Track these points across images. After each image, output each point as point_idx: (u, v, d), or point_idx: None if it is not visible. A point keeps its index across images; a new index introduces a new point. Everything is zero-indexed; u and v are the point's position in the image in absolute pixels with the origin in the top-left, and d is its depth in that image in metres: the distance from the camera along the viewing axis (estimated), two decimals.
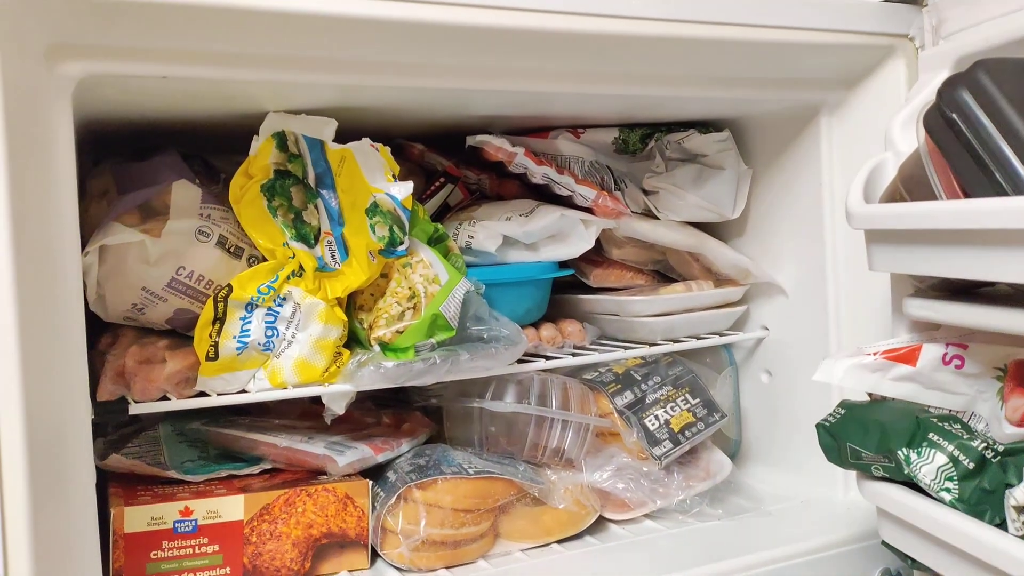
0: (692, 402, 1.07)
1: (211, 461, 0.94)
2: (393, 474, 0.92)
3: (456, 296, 0.90)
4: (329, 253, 0.90)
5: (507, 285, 1.00)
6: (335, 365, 0.88)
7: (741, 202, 1.12)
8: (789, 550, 0.90)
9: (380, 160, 0.89)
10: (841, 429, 0.75)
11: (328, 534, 0.88)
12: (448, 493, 0.89)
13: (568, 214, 1.02)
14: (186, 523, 0.83)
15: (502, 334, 0.92)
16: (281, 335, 0.87)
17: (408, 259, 0.91)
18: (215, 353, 0.84)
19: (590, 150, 1.13)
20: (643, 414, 1.03)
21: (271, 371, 0.87)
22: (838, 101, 1.00)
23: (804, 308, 1.07)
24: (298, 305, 0.86)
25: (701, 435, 1.05)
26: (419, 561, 0.87)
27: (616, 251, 1.13)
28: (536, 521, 0.94)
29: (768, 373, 1.14)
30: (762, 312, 1.15)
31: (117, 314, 0.87)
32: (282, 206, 0.89)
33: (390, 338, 0.88)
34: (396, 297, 0.90)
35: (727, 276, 1.13)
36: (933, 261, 0.69)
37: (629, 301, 1.06)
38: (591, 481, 0.98)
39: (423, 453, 0.96)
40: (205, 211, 0.88)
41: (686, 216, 1.11)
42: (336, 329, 0.87)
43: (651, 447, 1.01)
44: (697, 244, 1.09)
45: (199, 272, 0.86)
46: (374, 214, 0.88)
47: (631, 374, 1.07)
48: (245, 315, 0.86)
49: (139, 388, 0.83)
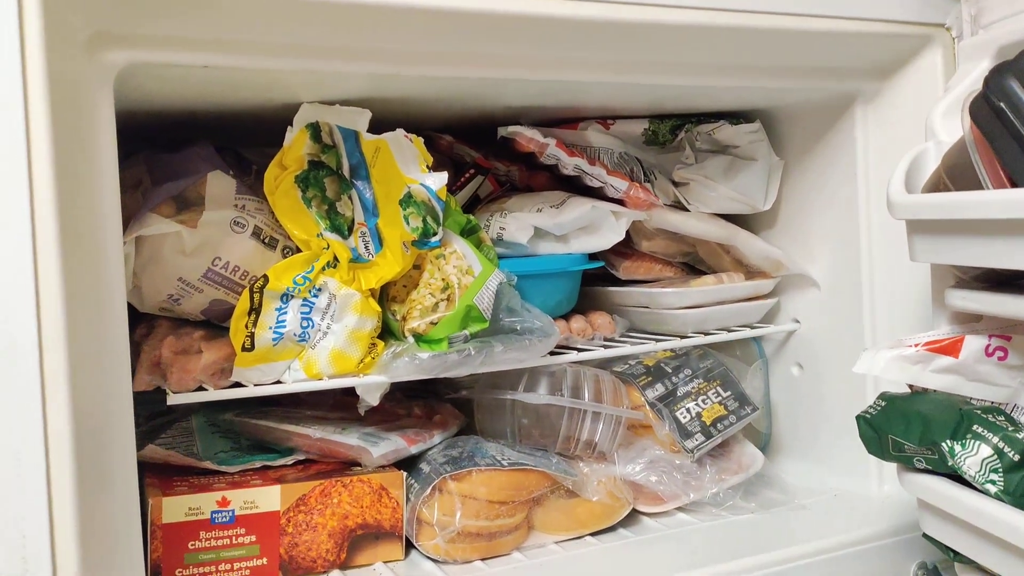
0: (723, 395, 1.06)
1: (244, 452, 0.94)
2: (427, 465, 0.92)
3: (490, 287, 0.90)
4: (363, 244, 0.90)
5: (538, 277, 1.00)
6: (370, 356, 0.87)
7: (772, 193, 1.11)
8: (825, 544, 0.89)
9: (414, 151, 0.88)
10: (883, 421, 0.75)
11: (363, 525, 0.88)
12: (483, 485, 0.89)
13: (599, 205, 1.01)
14: (223, 513, 0.83)
15: (535, 326, 0.92)
16: (316, 326, 0.87)
17: (442, 250, 0.91)
18: (251, 344, 0.84)
19: (619, 141, 1.13)
20: (674, 407, 1.03)
21: (306, 362, 0.87)
22: (874, 91, 0.99)
23: (837, 301, 1.07)
24: (333, 296, 0.86)
25: (733, 428, 1.04)
26: (455, 552, 0.87)
27: (646, 243, 1.12)
28: (570, 513, 0.93)
29: (799, 366, 1.13)
30: (793, 305, 1.14)
31: (153, 305, 0.87)
32: (316, 197, 0.89)
33: (424, 329, 0.88)
34: (430, 288, 0.90)
35: (758, 268, 1.12)
36: (978, 251, 0.68)
37: (661, 293, 1.06)
38: (624, 474, 0.97)
39: (456, 445, 0.96)
40: (240, 202, 0.88)
41: (716, 208, 1.10)
42: (371, 320, 0.87)
43: (683, 440, 1.00)
44: (728, 236, 1.09)
45: (235, 263, 0.86)
46: (408, 205, 0.88)
47: (662, 367, 1.07)
48: (281, 306, 0.86)
49: (175, 379, 0.83)
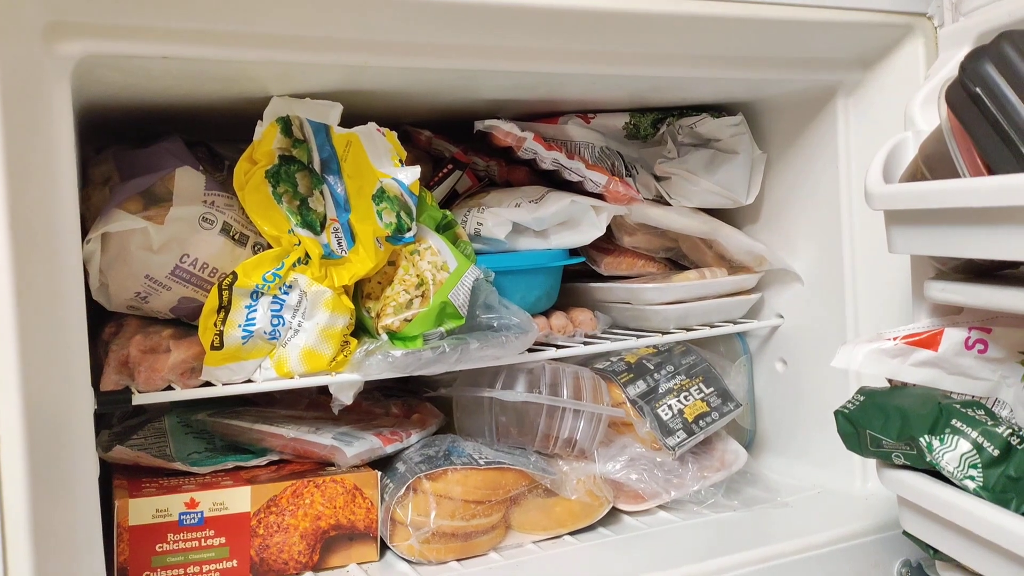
0: (706, 391, 1.04)
1: (217, 453, 0.92)
2: (402, 465, 0.91)
3: (465, 284, 0.89)
4: (335, 240, 0.88)
5: (517, 273, 0.98)
6: (342, 354, 0.86)
7: (755, 187, 1.10)
8: (807, 541, 0.87)
9: (387, 145, 0.87)
10: (860, 416, 0.73)
11: (336, 526, 0.86)
12: (458, 484, 0.87)
13: (579, 200, 1.00)
14: (192, 515, 0.81)
15: (512, 322, 0.91)
16: (287, 324, 0.85)
17: (416, 246, 0.90)
18: (220, 342, 0.82)
19: (600, 135, 1.11)
20: (656, 404, 1.01)
21: (277, 360, 0.85)
22: (855, 82, 0.98)
23: (820, 295, 1.05)
24: (304, 293, 0.85)
25: (715, 425, 1.03)
26: (429, 553, 0.86)
27: (627, 238, 1.11)
28: (548, 512, 0.92)
29: (783, 362, 1.12)
30: (777, 300, 1.13)
31: (120, 303, 0.86)
32: (287, 192, 0.87)
33: (398, 326, 0.87)
34: (404, 285, 0.88)
35: (741, 263, 1.11)
36: (956, 241, 0.67)
37: (641, 288, 1.05)
38: (604, 472, 0.96)
39: (433, 444, 0.94)
40: (209, 198, 0.87)
41: (699, 202, 1.08)
42: (343, 318, 0.86)
43: (665, 437, 0.99)
44: (711, 230, 1.07)
45: (203, 260, 0.85)
46: (381, 200, 0.87)
47: (644, 363, 1.05)
48: (250, 303, 0.84)
49: (143, 378, 0.82)
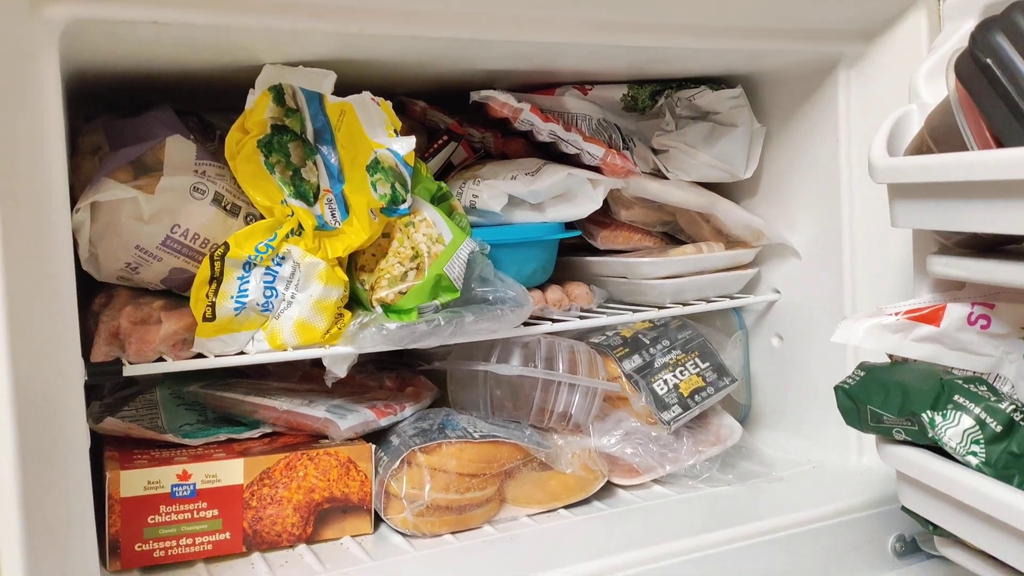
0: (702, 366, 1.04)
1: (210, 424, 0.92)
2: (396, 438, 0.90)
3: (460, 256, 0.88)
4: (329, 211, 0.87)
5: (512, 246, 0.97)
6: (336, 327, 0.85)
7: (754, 161, 1.09)
8: (802, 516, 0.87)
9: (381, 114, 0.85)
10: (861, 391, 0.73)
11: (330, 499, 0.86)
12: (453, 457, 0.87)
13: (575, 173, 0.98)
14: (184, 487, 0.81)
15: (508, 296, 0.90)
16: (280, 295, 0.84)
17: (411, 218, 0.88)
18: (212, 314, 0.81)
19: (598, 108, 1.10)
20: (652, 378, 1.01)
21: (270, 332, 0.84)
22: (857, 54, 0.97)
23: (818, 270, 1.05)
24: (297, 264, 0.84)
25: (711, 399, 1.02)
26: (424, 526, 0.85)
27: (624, 212, 1.10)
28: (543, 486, 0.91)
29: (779, 337, 1.12)
30: (773, 275, 1.12)
31: (111, 274, 0.85)
32: (280, 162, 0.86)
33: (392, 299, 0.86)
34: (399, 257, 0.87)
35: (738, 238, 1.10)
36: (962, 215, 0.66)
37: (638, 263, 1.04)
38: (599, 446, 0.95)
39: (427, 417, 0.93)
40: (200, 167, 0.85)
41: (697, 176, 1.07)
42: (337, 290, 0.85)
43: (660, 412, 0.98)
44: (708, 204, 1.06)
45: (194, 230, 0.83)
46: (375, 171, 0.85)
47: (639, 338, 1.05)
48: (243, 275, 0.83)
49: (134, 349, 0.81)
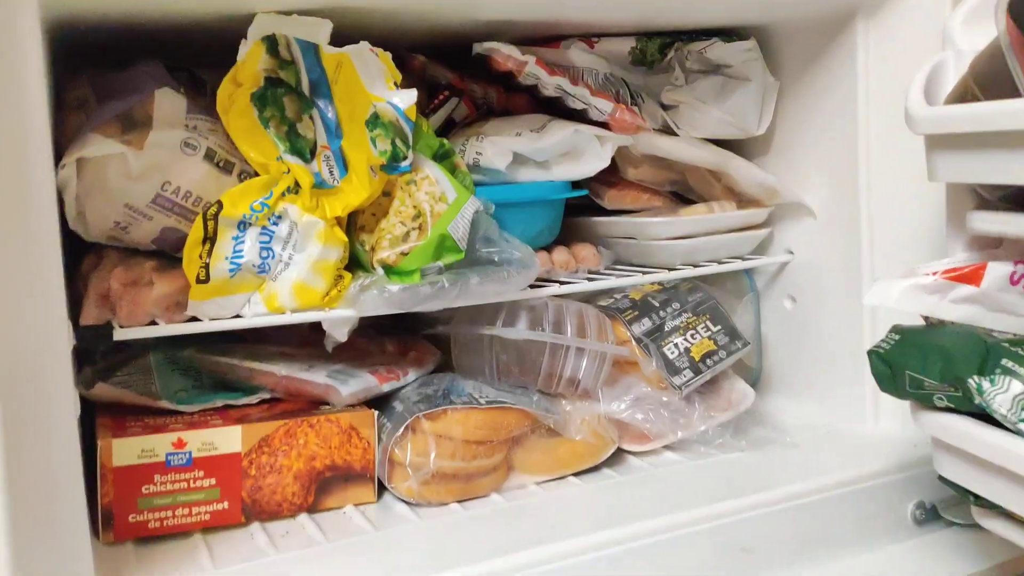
0: (713, 329, 1.01)
1: (206, 390, 0.89)
2: (400, 404, 0.87)
3: (465, 215, 0.84)
4: (327, 169, 0.83)
5: (518, 205, 0.94)
6: (336, 289, 0.82)
7: (767, 117, 1.05)
8: (818, 483, 0.84)
9: (380, 66, 0.81)
10: (898, 356, 0.69)
11: (332, 467, 0.83)
12: (459, 424, 0.84)
13: (582, 129, 0.94)
14: (180, 456, 0.78)
15: (514, 257, 0.86)
16: (277, 256, 0.80)
17: (412, 175, 0.85)
18: (206, 275, 0.78)
19: (604, 61, 1.05)
20: (662, 342, 0.98)
21: (267, 295, 0.81)
22: (876, 4, 0.92)
23: (833, 230, 1.01)
24: (295, 224, 0.80)
25: (723, 364, 0.99)
26: (429, 495, 0.83)
27: (632, 170, 1.06)
28: (551, 453, 0.89)
29: (792, 299, 1.08)
30: (786, 235, 1.08)
31: (99, 233, 0.81)
32: (274, 117, 0.82)
33: (394, 260, 0.82)
34: (400, 216, 0.84)
35: (751, 197, 1.06)
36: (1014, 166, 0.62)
37: (648, 223, 1.00)
38: (609, 412, 0.92)
39: (431, 382, 0.90)
40: (191, 122, 0.81)
41: (708, 132, 1.03)
42: (336, 250, 0.81)
43: (671, 376, 0.96)
44: (721, 162, 1.02)
45: (186, 188, 0.80)
46: (375, 126, 0.81)
47: (649, 300, 1.01)
48: (238, 234, 0.79)
49: (125, 312, 0.77)
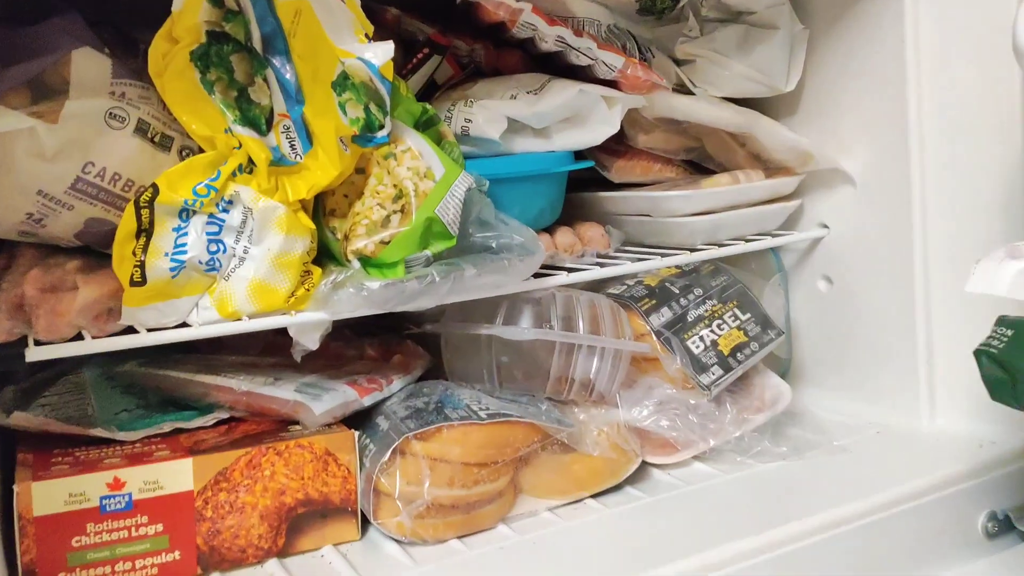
0: (742, 318, 0.88)
1: (152, 411, 0.75)
2: (385, 421, 0.73)
3: (455, 195, 0.70)
4: (287, 142, 0.68)
5: (515, 180, 0.80)
6: (303, 287, 0.67)
7: (796, 71, 0.91)
8: (881, 498, 0.72)
9: (347, 14, 0.66)
10: (1015, 355, 0.56)
11: (305, 501, 0.69)
12: (456, 443, 0.70)
13: (588, 89, 0.81)
14: (117, 498, 0.63)
15: (515, 242, 0.73)
16: (229, 250, 0.66)
17: (391, 148, 0.70)
18: (141, 276, 0.63)
19: (607, 11, 0.91)
20: (685, 335, 0.85)
21: (219, 297, 0.66)
22: None
23: (877, 200, 0.88)
24: (249, 210, 0.66)
25: (755, 357, 0.86)
26: (424, 531, 0.69)
27: (643, 137, 0.92)
28: (566, 472, 0.75)
29: (827, 280, 0.95)
30: (819, 207, 0.95)
31: (9, 228, 0.66)
32: (221, 80, 0.67)
33: (373, 251, 0.68)
34: (378, 198, 0.70)
35: (780, 163, 0.93)
36: None
37: (665, 197, 0.86)
38: (629, 419, 0.79)
39: (421, 393, 0.77)
40: (118, 88, 0.66)
41: (729, 90, 0.90)
42: (302, 240, 0.67)
43: (698, 374, 0.83)
44: (748, 123, 0.89)
45: (114, 169, 0.65)
46: (344, 88, 0.67)
47: (667, 287, 0.88)
48: (179, 225, 0.65)
49: (44, 324, 0.63)
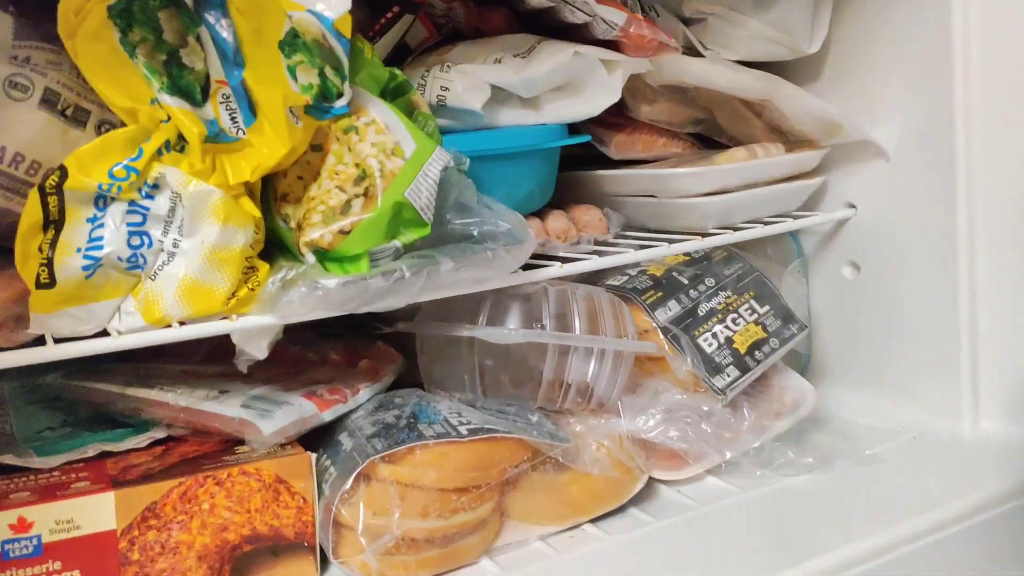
0: (760, 311, 0.78)
1: (81, 428, 0.65)
2: (348, 439, 0.63)
3: (429, 175, 0.60)
4: (227, 114, 0.58)
5: (499, 158, 0.69)
6: (246, 287, 0.57)
7: (821, 30, 0.80)
8: (927, 521, 0.62)
9: None
10: None
11: (252, 537, 0.59)
12: (432, 466, 0.60)
13: (584, 52, 0.70)
14: (23, 542, 0.53)
15: (500, 229, 0.62)
16: (156, 244, 0.56)
17: (352, 120, 0.60)
18: (49, 276, 0.53)
19: None
20: (696, 331, 0.74)
21: (144, 300, 0.56)
22: None
23: (914, 175, 0.77)
24: (178, 196, 0.55)
25: (775, 355, 0.76)
26: (393, 570, 0.58)
27: (646, 108, 0.82)
28: (560, 495, 0.65)
29: (854, 266, 0.85)
30: (844, 185, 0.84)
31: None
32: (146, 41, 0.56)
33: (330, 242, 0.58)
34: (337, 180, 0.59)
35: (802, 135, 0.82)
36: None
37: (674, 175, 0.75)
38: (633, 430, 0.69)
39: (391, 404, 0.66)
40: (21, 51, 0.56)
41: (745, 52, 0.79)
42: (243, 231, 0.56)
43: (711, 376, 0.72)
44: (769, 89, 0.78)
45: (15, 148, 0.54)
46: (294, 49, 0.56)
47: (674, 277, 0.78)
48: (94, 215, 0.54)
49: None
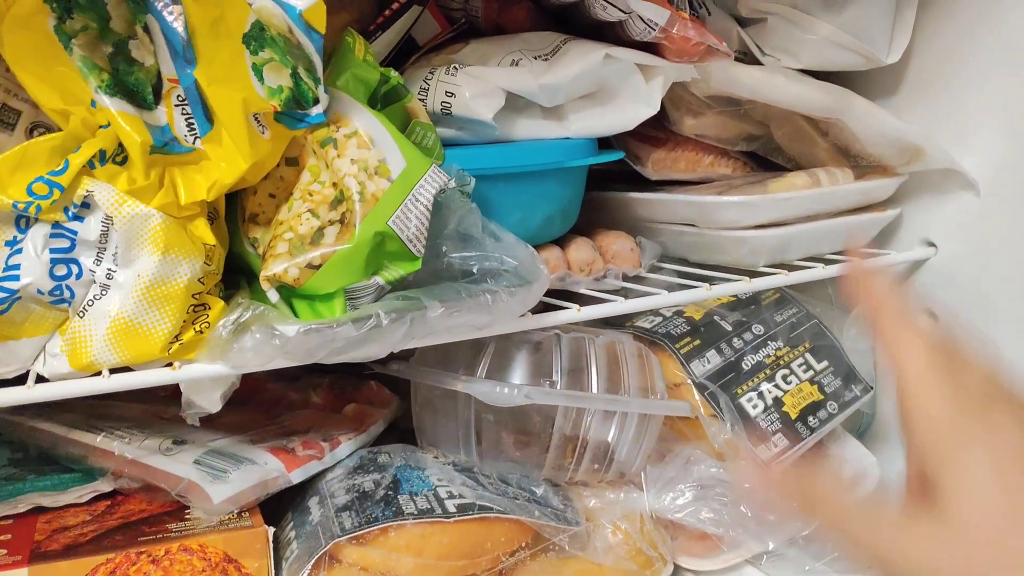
0: (817, 367, 0.66)
1: (29, 470, 0.57)
2: (318, 506, 0.53)
3: (420, 199, 0.50)
4: (183, 120, 0.48)
5: (514, 178, 0.59)
6: (193, 328, 0.47)
7: (903, 37, 0.68)
8: None
9: None
10: None
11: None
12: (410, 551, 0.50)
13: (618, 55, 0.59)
14: None
15: (505, 265, 0.52)
16: (86, 274, 0.46)
17: (331, 131, 0.50)
18: None
19: None
20: (738, 389, 0.63)
21: (71, 341, 0.47)
22: None
23: (1009, 213, 0.65)
24: (110, 220, 0.46)
25: (833, 421, 0.65)
26: None
27: (690, 121, 0.70)
28: None
29: (931, 315, 0.73)
30: (922, 220, 0.72)
31: None
32: (88, 30, 0.47)
33: (296, 277, 0.48)
34: (310, 201, 0.50)
35: (876, 159, 0.70)
36: None
37: (719, 203, 0.64)
38: (657, 509, 0.58)
39: (372, 464, 0.57)
40: None
41: (812, 60, 0.67)
42: (189, 263, 0.47)
43: (754, 447, 0.61)
44: (839, 106, 0.66)
45: None
46: (261, 44, 0.47)
47: (716, 322, 0.66)
48: (14, 237, 0.46)
49: None
